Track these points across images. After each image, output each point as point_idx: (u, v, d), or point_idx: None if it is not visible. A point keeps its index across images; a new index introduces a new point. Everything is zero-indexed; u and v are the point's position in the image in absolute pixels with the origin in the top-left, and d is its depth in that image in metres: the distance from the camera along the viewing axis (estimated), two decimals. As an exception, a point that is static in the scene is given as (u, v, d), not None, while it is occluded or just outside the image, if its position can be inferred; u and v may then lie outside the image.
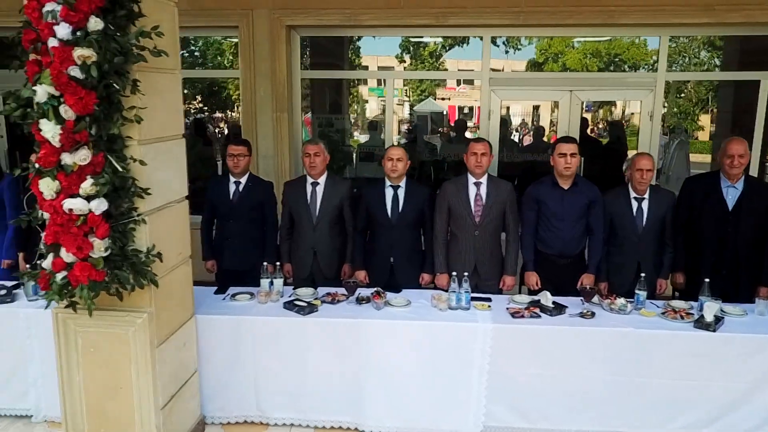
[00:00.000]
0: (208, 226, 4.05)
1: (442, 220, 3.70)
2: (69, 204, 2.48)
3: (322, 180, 3.85)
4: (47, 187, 2.48)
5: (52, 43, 2.38)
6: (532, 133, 9.55)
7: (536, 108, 15.41)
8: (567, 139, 3.68)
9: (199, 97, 13.10)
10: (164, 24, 2.62)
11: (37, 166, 2.53)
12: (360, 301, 3.46)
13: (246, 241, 3.92)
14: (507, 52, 11.65)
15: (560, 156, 3.56)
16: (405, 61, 14.09)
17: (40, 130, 2.44)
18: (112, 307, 2.76)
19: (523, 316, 3.27)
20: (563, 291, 3.55)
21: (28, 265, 3.48)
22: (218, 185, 3.98)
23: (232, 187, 3.93)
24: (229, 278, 3.83)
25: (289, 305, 3.39)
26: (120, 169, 2.55)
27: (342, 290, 3.57)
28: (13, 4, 5.12)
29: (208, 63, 10.33)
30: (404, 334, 3.25)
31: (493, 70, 5.63)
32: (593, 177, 4.26)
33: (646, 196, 3.64)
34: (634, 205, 3.65)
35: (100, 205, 2.51)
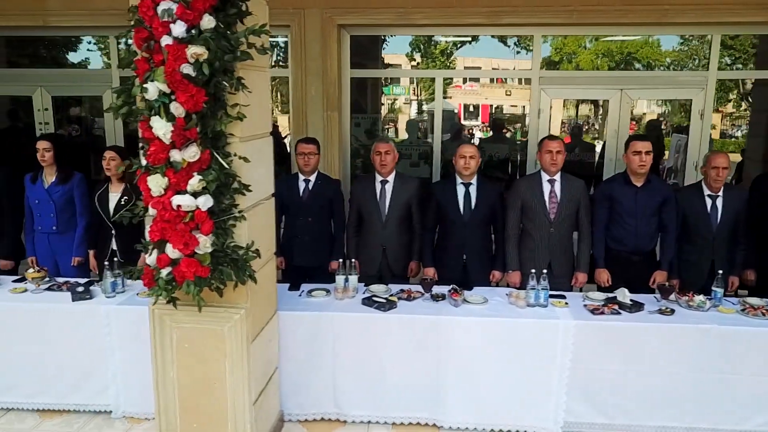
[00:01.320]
0: (276, 223, 4.07)
1: (515, 217, 3.72)
2: (177, 200, 2.51)
3: (391, 178, 3.87)
4: (156, 183, 2.51)
5: (166, 41, 2.41)
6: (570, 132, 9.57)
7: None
8: (641, 137, 3.70)
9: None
10: (260, 21, 2.64)
11: (144, 163, 2.56)
12: (435, 298, 3.48)
13: (315, 238, 3.94)
14: (518, 52, 11.66)
15: (635, 154, 3.57)
16: (414, 59, 14.07)
17: (151, 127, 2.47)
18: (208, 303, 2.78)
19: (603, 313, 3.28)
20: (633, 288, 3.56)
21: (108, 263, 3.52)
22: (288, 183, 4.00)
23: (302, 185, 3.96)
24: (298, 275, 3.85)
25: (368, 301, 3.41)
26: (226, 166, 2.57)
27: (416, 287, 3.59)
28: (27, 4, 5.24)
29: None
30: (484, 330, 3.27)
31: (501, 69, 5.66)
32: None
33: (720, 193, 3.66)
34: (709, 202, 3.66)
35: (206, 202, 2.54)
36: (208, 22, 2.41)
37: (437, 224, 3.88)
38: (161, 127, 2.44)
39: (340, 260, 3.56)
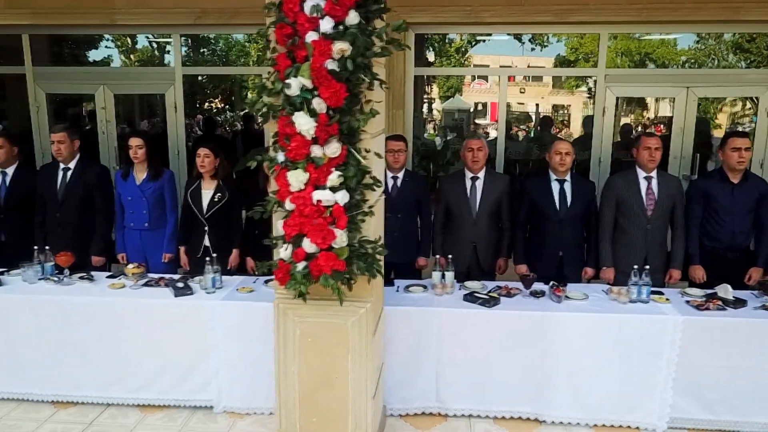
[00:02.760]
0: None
1: (610, 214, 3.73)
2: (318, 195, 2.52)
3: (481, 174, 3.89)
4: (296, 178, 2.52)
5: (312, 37, 2.43)
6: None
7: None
8: (740, 134, 3.70)
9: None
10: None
11: (281, 158, 2.58)
12: (535, 294, 3.49)
13: (404, 234, 3.95)
14: (533, 48, 11.62)
15: (733, 150, 3.58)
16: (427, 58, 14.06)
17: (293, 123, 2.49)
18: (333, 298, 2.80)
19: (708, 309, 3.29)
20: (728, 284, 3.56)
21: (209, 259, 3.54)
22: (377, 180, 4.01)
23: (390, 182, 3.97)
24: (386, 271, 3.86)
25: (471, 297, 3.43)
26: (363, 161, 2.59)
27: (512, 284, 3.60)
28: (94, 3, 5.27)
29: (233, 63, 10.22)
30: (591, 326, 3.28)
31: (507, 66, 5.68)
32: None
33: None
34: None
35: (344, 197, 2.56)
36: (353, 18, 2.43)
37: (529, 221, 3.90)
38: (305, 123, 2.46)
39: (436, 256, 3.58)
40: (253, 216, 2.73)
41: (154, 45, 7.61)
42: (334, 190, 2.55)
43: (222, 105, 11.34)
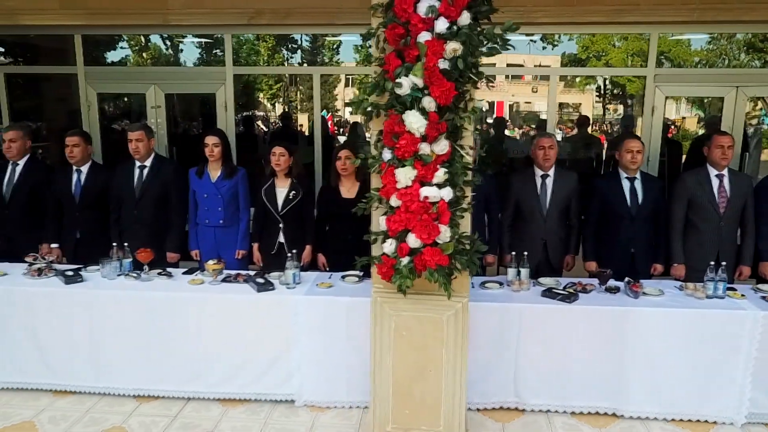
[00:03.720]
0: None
1: (681, 211, 3.79)
2: (425, 191, 2.59)
3: (551, 172, 3.94)
4: (405, 175, 2.58)
5: (425, 37, 2.49)
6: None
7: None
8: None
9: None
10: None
11: (388, 156, 2.64)
12: (611, 290, 3.54)
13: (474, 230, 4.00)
14: (544, 47, 11.65)
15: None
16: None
17: (402, 121, 2.55)
18: (429, 292, 2.87)
19: (785, 304, 3.34)
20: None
21: (290, 255, 3.60)
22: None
23: (459, 180, 4.02)
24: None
25: (549, 293, 3.48)
26: (468, 158, 2.65)
27: (585, 280, 3.66)
28: (148, 3, 5.33)
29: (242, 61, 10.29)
30: (669, 321, 3.33)
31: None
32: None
33: None
34: None
35: (449, 193, 2.62)
36: (465, 18, 2.49)
37: (599, 218, 3.95)
38: (417, 121, 2.52)
39: (512, 253, 3.64)
40: (357, 212, 2.79)
41: (168, 43, 7.64)
42: (439, 186, 2.61)
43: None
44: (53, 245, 4.00)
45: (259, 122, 10.57)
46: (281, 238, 4.01)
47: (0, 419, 3.42)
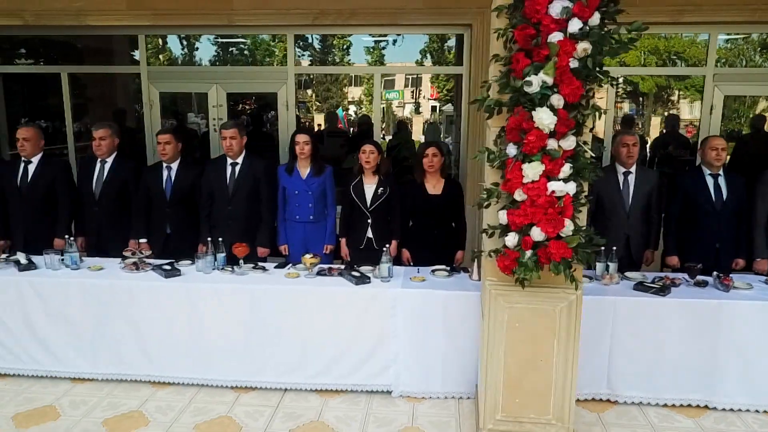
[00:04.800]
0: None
1: (765, 207, 3.87)
2: (552, 186, 2.67)
3: (633, 169, 4.02)
4: (533, 170, 2.67)
5: (556, 37, 2.57)
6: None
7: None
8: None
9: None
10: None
11: (513, 152, 2.73)
12: (699, 284, 3.63)
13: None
14: None
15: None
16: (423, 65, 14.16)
17: (531, 118, 2.64)
18: (543, 284, 2.95)
19: None
20: None
21: (387, 248, 3.69)
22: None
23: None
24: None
25: (641, 287, 3.57)
26: (592, 154, 2.74)
27: (672, 274, 3.75)
28: (214, 4, 5.42)
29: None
30: (762, 314, 3.41)
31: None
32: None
33: None
34: None
35: (573, 188, 2.71)
36: (595, 18, 2.58)
37: (682, 215, 4.04)
38: (547, 118, 2.60)
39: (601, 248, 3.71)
40: (477, 206, 2.88)
41: (184, 43, 7.71)
42: (565, 181, 2.70)
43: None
44: (142, 240, 4.08)
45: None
46: (369, 234, 4.11)
47: (108, 409, 3.52)
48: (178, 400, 3.61)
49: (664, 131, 8.01)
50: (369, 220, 4.09)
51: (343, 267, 3.90)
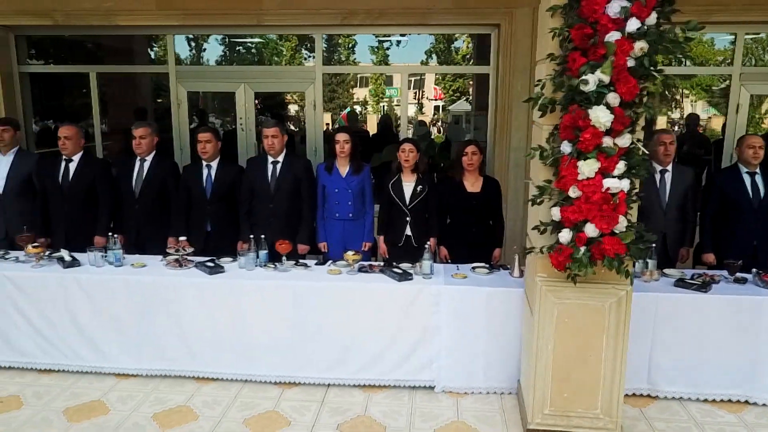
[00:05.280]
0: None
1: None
2: (608, 183, 2.71)
3: (670, 167, 4.07)
4: (589, 167, 2.71)
5: (614, 36, 2.62)
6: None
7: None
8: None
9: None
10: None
11: (568, 149, 2.77)
12: (738, 281, 3.67)
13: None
14: None
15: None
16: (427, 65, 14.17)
17: (588, 115, 2.68)
18: (593, 281, 2.99)
19: None
20: None
21: (427, 246, 3.73)
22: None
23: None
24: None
25: (682, 283, 3.61)
26: (646, 152, 2.79)
27: (710, 271, 3.79)
28: (244, 4, 5.46)
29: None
30: (803, 310, 3.46)
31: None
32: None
33: None
34: None
35: (627, 185, 2.75)
36: (652, 18, 2.62)
37: (718, 212, 4.07)
38: (604, 116, 2.64)
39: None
40: (529, 203, 2.92)
41: (192, 44, 7.76)
42: (620, 178, 2.74)
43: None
44: (181, 238, 4.13)
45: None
46: (408, 231, 4.15)
47: (156, 404, 3.56)
48: (224, 396, 3.66)
49: (684, 131, 8.05)
50: (408, 218, 4.14)
51: (382, 264, 3.95)
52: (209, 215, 4.27)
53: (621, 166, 2.73)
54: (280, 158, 4.18)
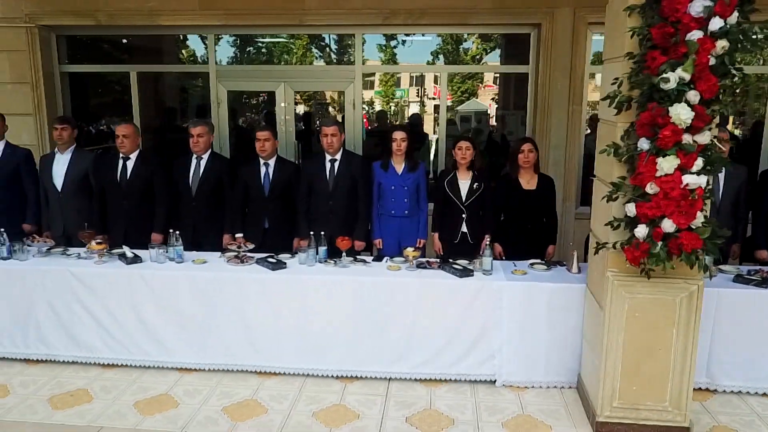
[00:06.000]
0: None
1: None
2: (687, 179, 2.77)
3: (723, 166, 4.12)
4: (668, 164, 2.76)
5: (696, 35, 2.67)
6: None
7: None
8: None
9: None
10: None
11: (646, 146, 2.83)
12: (795, 276, 3.72)
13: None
14: None
15: None
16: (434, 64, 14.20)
17: (667, 113, 2.73)
18: (665, 276, 3.05)
19: None
20: None
21: (489, 243, 3.78)
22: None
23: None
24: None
25: (741, 279, 3.66)
26: (723, 149, 2.84)
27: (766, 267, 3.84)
28: (286, 4, 5.52)
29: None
30: None
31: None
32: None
33: None
34: None
35: (705, 181, 2.81)
36: (734, 17, 2.68)
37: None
38: (685, 114, 2.69)
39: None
40: (607, 199, 2.97)
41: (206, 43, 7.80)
42: (698, 174, 2.80)
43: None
44: (238, 235, 4.19)
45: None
46: (464, 228, 4.20)
47: (223, 397, 3.62)
48: (288, 390, 3.72)
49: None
50: (464, 215, 4.20)
51: (438, 260, 4.00)
52: (267, 212, 4.33)
53: (699, 163, 2.78)
54: (338, 156, 4.24)
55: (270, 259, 3.93)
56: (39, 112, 6.11)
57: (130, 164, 4.38)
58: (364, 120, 11.77)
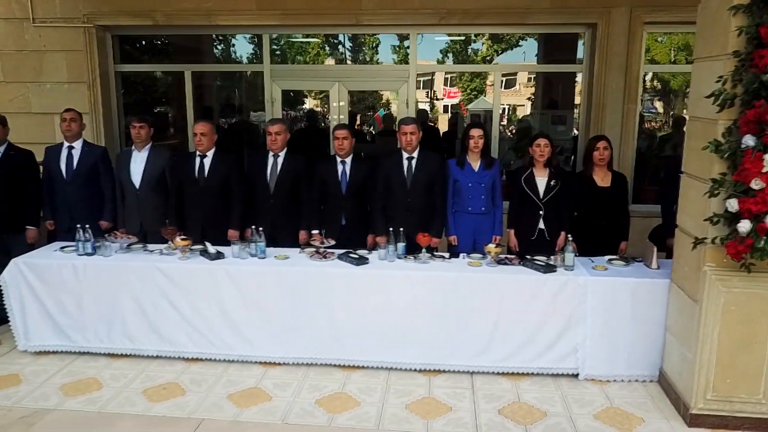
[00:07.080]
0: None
1: None
2: (793, 175, 2.83)
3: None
4: (776, 161, 2.83)
5: (807, 34, 2.73)
6: None
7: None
8: None
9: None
10: None
11: (752, 143, 2.89)
12: None
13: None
14: None
15: None
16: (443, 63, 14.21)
17: (775, 110, 2.79)
18: (762, 270, 3.10)
19: None
20: None
21: (571, 239, 3.85)
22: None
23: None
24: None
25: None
26: (827, 144, 2.90)
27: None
28: (342, 4, 5.59)
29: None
30: None
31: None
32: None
33: None
34: None
35: (811, 177, 2.87)
36: (841, 16, 2.74)
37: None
38: (795, 111, 2.76)
39: None
40: (709, 195, 3.04)
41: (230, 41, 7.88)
42: (802, 170, 2.86)
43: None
44: (314, 231, 4.26)
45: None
46: (541, 225, 4.27)
47: (313, 390, 3.69)
48: (375, 383, 3.78)
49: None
50: (541, 212, 4.26)
51: (516, 257, 4.07)
52: (344, 209, 4.40)
53: (805, 159, 2.84)
54: (415, 154, 4.30)
55: (352, 255, 4.00)
56: (95, 111, 6.20)
57: (207, 162, 4.45)
58: (377, 120, 11.88)
